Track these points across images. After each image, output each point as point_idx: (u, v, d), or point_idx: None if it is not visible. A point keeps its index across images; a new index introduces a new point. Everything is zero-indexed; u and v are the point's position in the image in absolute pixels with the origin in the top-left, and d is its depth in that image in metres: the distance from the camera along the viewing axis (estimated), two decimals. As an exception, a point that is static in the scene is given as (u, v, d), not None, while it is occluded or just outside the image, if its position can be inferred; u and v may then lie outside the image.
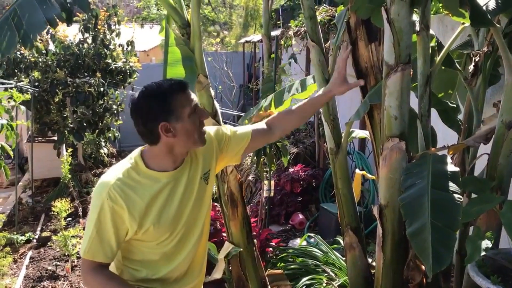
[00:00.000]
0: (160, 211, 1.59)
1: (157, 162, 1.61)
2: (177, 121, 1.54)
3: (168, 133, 1.54)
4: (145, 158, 1.61)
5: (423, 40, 1.97)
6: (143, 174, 1.59)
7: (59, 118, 7.08)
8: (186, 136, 1.57)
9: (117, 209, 1.52)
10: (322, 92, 2.00)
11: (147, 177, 1.59)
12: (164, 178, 1.61)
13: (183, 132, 1.55)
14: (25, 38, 1.65)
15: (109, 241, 1.55)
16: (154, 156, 1.61)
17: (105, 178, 1.59)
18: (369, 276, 2.46)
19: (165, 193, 1.61)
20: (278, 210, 5.17)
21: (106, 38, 7.33)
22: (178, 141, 1.57)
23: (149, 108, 1.53)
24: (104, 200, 1.52)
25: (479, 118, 2.32)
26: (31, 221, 5.98)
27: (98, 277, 1.57)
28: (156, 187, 1.59)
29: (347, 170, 2.49)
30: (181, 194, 1.64)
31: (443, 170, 1.80)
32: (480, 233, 1.83)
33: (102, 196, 1.53)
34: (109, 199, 1.52)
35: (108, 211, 1.52)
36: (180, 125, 1.54)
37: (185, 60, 2.34)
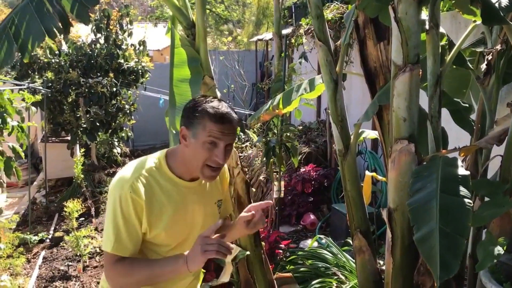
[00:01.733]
0: (174, 218, 1.59)
1: (177, 166, 1.62)
2: (193, 137, 1.54)
3: (183, 141, 1.57)
4: (169, 159, 1.63)
5: (432, 39, 1.90)
6: (164, 175, 1.60)
7: (72, 118, 7.14)
8: (193, 155, 1.56)
9: (139, 201, 1.51)
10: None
11: (168, 180, 1.60)
12: (183, 187, 1.62)
13: (193, 150, 1.55)
14: (23, 48, 1.63)
15: (137, 233, 1.54)
16: (176, 158, 1.62)
17: (126, 172, 1.58)
18: (379, 281, 2.41)
19: (181, 201, 1.61)
20: (289, 211, 5.13)
21: (118, 38, 7.36)
22: (187, 154, 1.57)
23: (185, 111, 1.58)
24: (126, 192, 1.51)
25: (492, 119, 2.24)
26: (45, 220, 6.03)
27: (119, 267, 1.52)
28: (174, 192, 1.60)
29: (356, 172, 2.44)
30: (197, 207, 1.66)
31: (453, 173, 1.75)
32: (492, 238, 1.77)
33: (124, 188, 1.52)
34: (132, 191, 1.51)
35: (130, 203, 1.51)
36: (193, 142, 1.54)
37: (190, 61, 2.31)
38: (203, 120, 1.52)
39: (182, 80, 2.22)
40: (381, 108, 2.25)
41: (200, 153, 1.54)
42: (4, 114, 3.63)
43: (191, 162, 1.58)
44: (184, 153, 1.58)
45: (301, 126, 7.03)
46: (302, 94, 2.90)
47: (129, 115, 7.55)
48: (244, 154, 6.88)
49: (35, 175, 7.94)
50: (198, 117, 1.52)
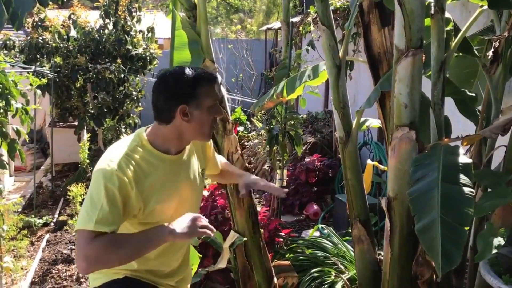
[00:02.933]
0: (164, 191, 1.60)
1: (162, 142, 1.61)
2: (196, 108, 1.56)
3: (185, 117, 1.55)
4: (150, 137, 1.61)
5: (437, 24, 1.85)
6: (148, 152, 1.59)
7: (80, 104, 7.14)
8: (199, 125, 1.59)
9: (126, 181, 1.48)
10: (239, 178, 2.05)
11: (153, 156, 1.59)
12: (169, 160, 1.62)
13: (198, 121, 1.57)
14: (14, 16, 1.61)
15: (119, 212, 1.49)
16: (161, 135, 1.61)
17: (110, 153, 1.56)
18: (377, 270, 2.37)
19: (169, 174, 1.62)
20: (292, 200, 5.10)
21: (127, 24, 7.32)
22: (189, 128, 1.58)
23: (176, 86, 1.56)
24: (112, 171, 1.48)
25: (498, 108, 2.19)
26: (50, 204, 6.07)
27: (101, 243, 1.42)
28: (161, 167, 1.59)
29: (357, 160, 2.40)
30: (185, 179, 1.69)
31: (454, 162, 1.71)
32: (492, 229, 1.73)
33: (110, 167, 1.49)
34: (118, 169, 1.48)
35: (116, 181, 1.47)
36: (197, 113, 1.56)
37: (191, 43, 2.28)
38: (202, 88, 1.56)
39: (182, 62, 2.20)
40: (384, 96, 2.21)
41: (207, 118, 1.59)
42: (8, 96, 3.62)
43: (195, 133, 1.61)
44: (179, 129, 1.58)
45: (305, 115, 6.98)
46: (306, 81, 2.85)
47: (136, 101, 7.53)
48: (249, 143, 6.86)
49: (43, 160, 7.98)
50: (198, 87, 1.56)
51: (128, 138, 1.64)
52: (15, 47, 7.19)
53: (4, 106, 3.62)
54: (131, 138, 1.62)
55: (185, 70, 1.58)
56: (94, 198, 1.48)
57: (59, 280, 4.05)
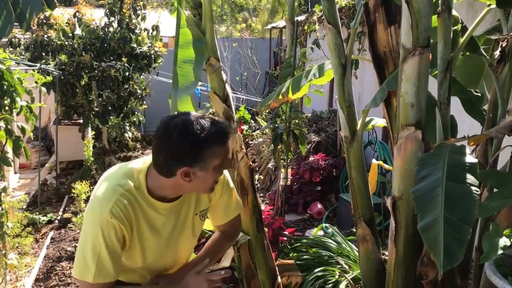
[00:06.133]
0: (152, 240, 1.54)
1: (159, 190, 1.52)
2: (201, 170, 1.44)
3: (186, 178, 1.44)
4: (149, 181, 1.51)
5: (444, 23, 1.84)
6: (144, 198, 1.50)
7: (85, 102, 7.16)
8: (201, 183, 1.49)
9: (120, 226, 1.44)
10: None
11: (147, 203, 1.51)
12: (163, 210, 1.55)
13: (200, 180, 1.47)
14: (21, 17, 1.61)
15: (119, 257, 1.47)
16: (158, 184, 1.51)
17: (104, 193, 1.47)
18: (382, 270, 2.37)
19: (159, 223, 1.55)
20: (296, 199, 5.10)
21: (132, 22, 7.35)
22: (189, 185, 1.49)
23: (181, 149, 1.40)
24: (107, 217, 1.41)
25: (505, 108, 2.17)
26: (55, 202, 6.09)
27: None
28: (153, 215, 1.53)
29: (362, 160, 2.39)
30: (173, 226, 1.59)
31: (460, 161, 1.69)
32: (498, 230, 1.72)
33: (103, 213, 1.42)
34: (113, 217, 1.42)
35: (112, 229, 1.42)
36: (202, 174, 1.45)
37: (196, 42, 2.26)
38: (212, 150, 1.43)
39: (186, 61, 2.18)
40: (390, 95, 2.20)
41: (211, 177, 1.49)
42: (13, 94, 3.63)
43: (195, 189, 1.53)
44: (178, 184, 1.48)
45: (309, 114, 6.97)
46: (311, 80, 2.84)
47: (141, 99, 7.55)
48: (254, 142, 6.85)
49: (48, 157, 8.01)
50: (205, 150, 1.41)
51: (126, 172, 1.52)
52: (20, 44, 7.22)
53: (9, 104, 3.62)
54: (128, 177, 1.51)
55: (193, 126, 1.40)
56: (90, 246, 1.43)
57: (63, 277, 4.07)
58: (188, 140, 1.39)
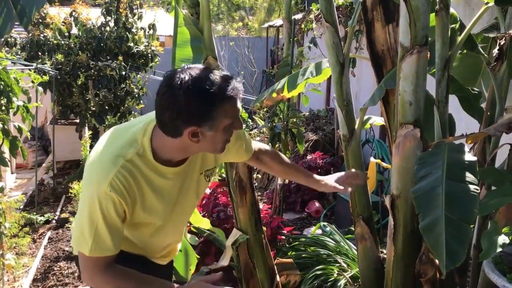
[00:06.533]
0: (158, 206, 1.48)
1: (165, 153, 1.41)
2: (210, 130, 1.32)
3: (194, 138, 1.33)
4: (154, 145, 1.40)
5: (442, 21, 1.84)
6: (149, 165, 1.40)
7: (81, 101, 7.14)
8: (210, 144, 1.38)
9: (119, 199, 1.35)
10: (314, 176, 2.00)
11: (153, 170, 1.41)
12: (170, 174, 1.46)
13: (209, 140, 1.35)
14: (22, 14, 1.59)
15: (118, 230, 1.40)
16: (164, 146, 1.40)
17: (103, 162, 1.37)
18: (380, 269, 2.37)
19: (166, 188, 1.47)
20: (294, 198, 5.10)
21: (128, 21, 7.32)
22: (197, 146, 1.37)
23: (188, 107, 1.26)
24: (106, 191, 1.33)
25: (502, 106, 2.18)
26: (52, 202, 6.07)
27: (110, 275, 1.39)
28: (159, 181, 1.44)
29: (360, 158, 2.39)
30: (179, 190, 1.53)
31: (459, 159, 1.69)
32: (497, 228, 1.72)
33: (102, 186, 1.33)
34: (112, 190, 1.33)
35: (110, 202, 1.34)
36: (211, 134, 1.33)
37: (193, 41, 2.26)
38: (221, 109, 1.29)
39: (184, 60, 2.18)
40: (388, 93, 2.20)
41: (221, 138, 1.38)
42: (9, 94, 3.61)
43: (204, 149, 1.43)
44: (185, 144, 1.36)
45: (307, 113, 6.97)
46: (308, 78, 2.84)
47: (138, 99, 7.53)
48: (251, 141, 6.84)
49: (45, 157, 7.99)
50: (215, 109, 1.28)
51: (131, 135, 1.41)
52: (16, 44, 7.19)
53: (5, 104, 3.61)
54: (133, 138, 1.40)
55: (202, 82, 1.27)
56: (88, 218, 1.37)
57: (61, 277, 4.05)
58: (196, 98, 1.26)
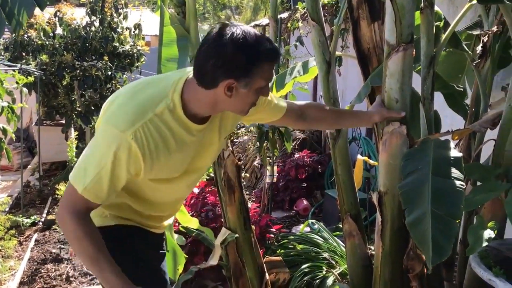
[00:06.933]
0: (180, 163, 1.48)
1: (193, 108, 1.41)
2: (245, 87, 1.34)
3: (228, 92, 1.34)
4: (185, 96, 1.40)
5: (427, 18, 1.86)
6: (178, 120, 1.40)
7: (67, 102, 7.08)
8: (240, 103, 1.40)
9: (137, 155, 1.34)
10: (363, 114, 1.95)
11: (181, 125, 1.41)
12: (195, 131, 1.46)
13: (241, 99, 1.37)
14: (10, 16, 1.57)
15: (117, 184, 1.37)
16: (195, 99, 1.39)
17: (133, 108, 1.35)
18: (368, 265, 2.39)
19: (188, 143, 1.46)
20: (282, 196, 5.12)
21: (113, 21, 7.28)
22: (228, 102, 1.38)
23: (233, 59, 1.28)
24: (127, 137, 1.31)
25: (487, 103, 2.21)
26: (38, 204, 6.01)
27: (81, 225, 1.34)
28: (185, 136, 1.43)
29: (348, 156, 2.41)
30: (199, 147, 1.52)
31: (445, 155, 1.72)
32: (482, 223, 1.75)
33: (125, 132, 1.31)
34: (134, 139, 1.31)
35: (126, 151, 1.32)
36: (244, 92, 1.35)
37: (180, 40, 2.26)
38: (262, 67, 1.33)
39: (170, 59, 2.18)
40: (374, 91, 2.21)
41: (252, 98, 1.40)
42: (-7, 95, 3.58)
43: (233, 107, 1.43)
44: (217, 98, 1.37)
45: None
46: (295, 77, 2.86)
47: (124, 99, 7.48)
48: (239, 140, 6.85)
49: (30, 159, 7.90)
50: (256, 66, 1.31)
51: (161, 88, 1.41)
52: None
53: (-11, 105, 3.57)
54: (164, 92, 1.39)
55: (251, 39, 1.29)
56: (98, 157, 1.34)
57: (48, 280, 4.01)
58: (243, 51, 1.29)
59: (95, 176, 1.33)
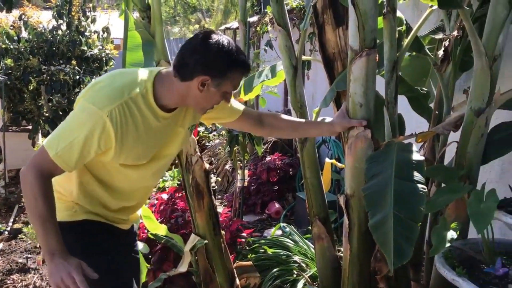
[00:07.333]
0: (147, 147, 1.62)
1: (164, 96, 1.57)
2: (215, 86, 1.53)
3: (200, 87, 1.51)
4: (157, 86, 1.56)
5: (389, 24, 1.89)
6: (148, 105, 1.55)
7: (34, 107, 6.90)
8: (205, 100, 1.57)
9: (110, 132, 1.47)
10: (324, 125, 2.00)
11: (150, 110, 1.56)
12: (161, 118, 1.60)
13: (208, 96, 1.55)
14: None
15: (86, 156, 1.49)
16: (167, 90, 1.56)
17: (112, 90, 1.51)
18: (337, 267, 2.41)
19: (156, 129, 1.61)
20: (254, 200, 5.11)
21: (81, 25, 7.15)
22: (196, 96, 1.55)
23: (214, 58, 1.49)
24: (103, 114, 1.45)
25: (450, 105, 2.25)
26: (4, 212, 5.84)
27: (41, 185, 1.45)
28: (152, 121, 1.58)
29: (315, 159, 2.42)
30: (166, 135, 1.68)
31: (407, 159, 1.74)
32: (445, 224, 1.77)
33: (102, 109, 1.45)
34: (109, 117, 1.46)
35: (100, 128, 1.46)
36: (213, 91, 1.54)
37: (145, 45, 2.24)
38: (235, 74, 1.54)
39: (135, 64, 2.16)
40: (340, 95, 2.24)
41: (215, 99, 1.58)
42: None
43: (196, 103, 1.59)
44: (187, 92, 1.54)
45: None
46: (263, 81, 2.86)
47: (93, 104, 7.36)
48: (210, 144, 6.82)
49: (-5, 166, 7.68)
50: (232, 71, 1.52)
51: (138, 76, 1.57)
52: (-39, 49, 6.89)
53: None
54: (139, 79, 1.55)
55: (231, 47, 1.51)
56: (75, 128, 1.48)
57: (15, 291, 3.91)
58: (225, 55, 1.49)
59: (68, 144, 1.45)
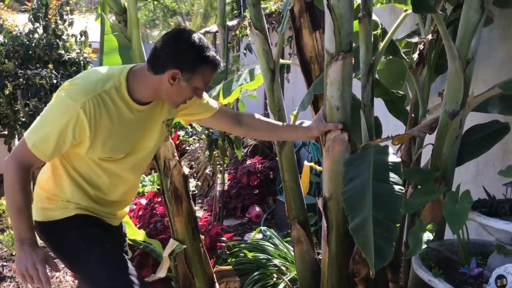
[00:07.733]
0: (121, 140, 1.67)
1: (138, 89, 1.63)
2: (186, 80, 1.58)
3: (171, 80, 1.57)
4: (130, 80, 1.62)
5: (365, 28, 1.91)
6: (121, 98, 1.61)
7: (10, 112, 6.78)
8: (176, 94, 1.62)
9: (83, 123, 1.53)
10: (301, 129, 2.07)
11: (124, 102, 1.62)
12: (135, 111, 1.65)
13: (179, 90, 1.60)
14: None
15: (62, 146, 1.56)
16: (140, 82, 1.62)
17: (86, 83, 1.58)
18: (317, 270, 2.41)
19: (131, 121, 1.66)
20: (234, 203, 5.09)
21: (58, 28, 7.05)
22: (167, 90, 1.60)
23: (185, 52, 1.55)
24: (77, 106, 1.51)
25: (425, 108, 2.29)
26: (-21, 219, 5.72)
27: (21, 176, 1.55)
28: (126, 113, 1.63)
29: (294, 162, 2.43)
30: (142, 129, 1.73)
31: (384, 161, 1.76)
32: (421, 225, 1.80)
33: (76, 102, 1.52)
34: (83, 109, 1.52)
35: (74, 119, 1.52)
36: (183, 85, 1.58)
37: (121, 48, 2.22)
38: (205, 69, 1.59)
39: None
40: (317, 98, 2.25)
41: (187, 94, 1.63)
42: None
43: (168, 97, 1.64)
44: (160, 85, 1.59)
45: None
46: (242, 84, 2.86)
47: (70, 108, 7.25)
48: (190, 148, 6.79)
49: (-30, 172, 7.52)
50: (202, 65, 1.57)
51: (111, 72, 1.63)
52: None
53: None
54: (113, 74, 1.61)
55: (202, 42, 1.57)
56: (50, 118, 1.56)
57: (-10, 301, 3.82)
58: (195, 50, 1.55)
59: (44, 135, 1.53)
